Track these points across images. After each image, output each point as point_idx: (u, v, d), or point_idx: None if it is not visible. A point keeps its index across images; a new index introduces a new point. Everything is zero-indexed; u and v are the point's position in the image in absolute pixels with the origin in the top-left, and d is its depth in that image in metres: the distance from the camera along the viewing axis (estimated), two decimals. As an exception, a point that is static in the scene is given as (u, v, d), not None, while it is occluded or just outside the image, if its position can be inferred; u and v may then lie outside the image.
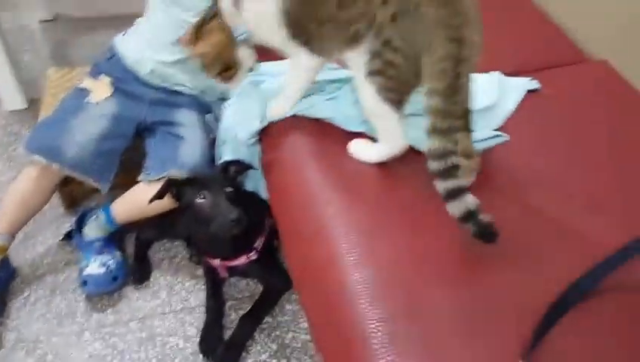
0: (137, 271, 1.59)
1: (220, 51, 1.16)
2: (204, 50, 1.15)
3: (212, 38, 1.15)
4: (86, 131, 1.46)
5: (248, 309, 1.48)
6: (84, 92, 1.53)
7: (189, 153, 1.44)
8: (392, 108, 1.05)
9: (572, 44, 1.57)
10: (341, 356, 0.91)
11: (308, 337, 1.46)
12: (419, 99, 1.01)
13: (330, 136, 1.21)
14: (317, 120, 1.25)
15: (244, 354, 1.42)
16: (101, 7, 2.55)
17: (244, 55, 1.17)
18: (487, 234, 0.92)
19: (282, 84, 1.24)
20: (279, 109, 1.24)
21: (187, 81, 1.53)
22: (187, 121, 1.52)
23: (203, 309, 1.50)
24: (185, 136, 1.48)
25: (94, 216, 1.54)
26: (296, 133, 1.23)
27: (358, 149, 1.15)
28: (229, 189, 1.30)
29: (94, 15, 2.58)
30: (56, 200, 1.79)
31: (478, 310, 0.88)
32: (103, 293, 1.53)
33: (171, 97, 1.55)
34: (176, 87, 1.54)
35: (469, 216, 0.92)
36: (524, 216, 1.05)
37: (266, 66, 1.41)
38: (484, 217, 0.92)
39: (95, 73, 1.57)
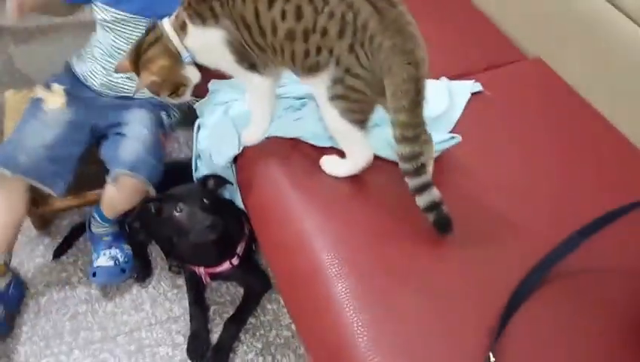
0: (139, 270, 1.65)
1: (165, 77, 1.17)
2: (150, 79, 1.16)
3: (155, 66, 1.16)
4: (39, 137, 1.48)
5: (232, 313, 1.56)
6: (38, 101, 1.57)
7: (129, 150, 1.47)
8: (356, 127, 1.13)
9: (509, 44, 1.69)
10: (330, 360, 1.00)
11: (290, 333, 1.56)
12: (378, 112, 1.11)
13: (301, 153, 1.28)
14: (288, 139, 1.32)
15: (231, 355, 1.50)
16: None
17: (191, 73, 1.18)
18: (444, 223, 1.07)
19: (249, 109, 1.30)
20: (252, 136, 1.30)
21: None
22: (133, 118, 1.56)
23: (187, 317, 1.57)
24: (126, 134, 1.52)
25: (92, 217, 1.62)
26: (269, 153, 1.30)
27: (329, 166, 1.23)
28: (205, 201, 1.37)
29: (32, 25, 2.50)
30: (27, 223, 1.80)
31: (446, 308, 0.99)
32: (112, 284, 1.63)
33: (123, 101, 1.61)
34: (127, 93, 1.60)
35: (433, 206, 1.06)
36: (479, 212, 1.16)
37: (220, 85, 1.48)
38: (445, 209, 1.06)
39: (48, 82, 1.62)
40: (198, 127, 1.49)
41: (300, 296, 1.10)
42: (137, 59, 1.19)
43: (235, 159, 1.37)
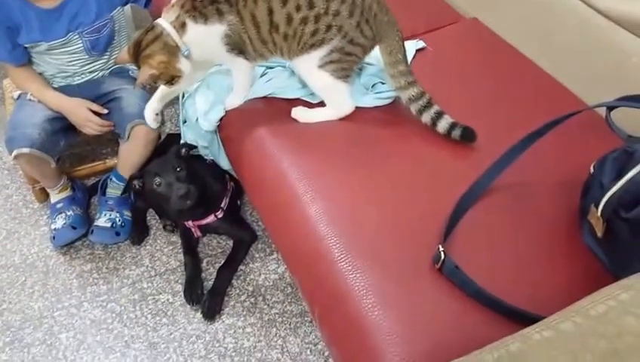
0: (135, 234, 1.77)
1: (163, 70, 1.29)
2: (150, 72, 1.27)
3: (154, 61, 1.27)
4: (34, 117, 1.61)
5: (224, 262, 1.69)
6: (23, 95, 1.70)
7: (132, 105, 1.65)
8: (343, 81, 1.32)
9: (448, 7, 1.82)
10: (310, 272, 1.13)
11: (277, 276, 1.69)
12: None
13: (274, 107, 1.42)
14: (262, 98, 1.45)
15: (226, 298, 1.62)
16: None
17: (184, 65, 1.30)
18: (469, 134, 1.26)
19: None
20: (234, 101, 1.45)
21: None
22: (119, 84, 1.72)
23: (183, 268, 1.69)
24: (122, 95, 1.68)
25: (110, 179, 1.76)
26: (248, 111, 1.43)
27: (301, 114, 1.38)
28: (178, 170, 1.50)
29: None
30: (30, 197, 1.90)
31: (401, 217, 1.13)
32: (105, 244, 1.75)
33: (104, 77, 1.75)
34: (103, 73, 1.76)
35: (453, 126, 1.27)
36: (430, 145, 1.30)
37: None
38: (461, 124, 1.26)
39: None
40: (184, 96, 1.61)
41: (281, 223, 1.22)
42: (137, 54, 1.30)
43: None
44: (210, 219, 1.64)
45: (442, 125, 1.27)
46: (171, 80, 1.33)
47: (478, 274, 0.99)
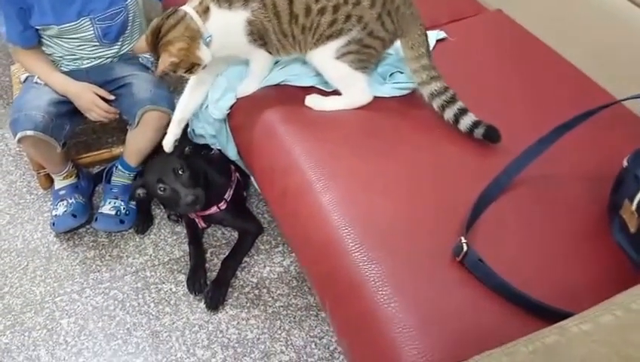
0: (139, 223, 1.70)
1: (184, 57, 1.23)
2: (170, 60, 1.21)
3: (174, 48, 1.21)
4: (39, 100, 1.54)
5: (228, 253, 1.62)
6: (30, 77, 1.64)
7: (143, 90, 1.58)
8: (362, 72, 1.27)
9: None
10: (322, 263, 1.07)
11: (282, 269, 1.62)
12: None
13: (287, 94, 1.35)
14: (274, 85, 1.38)
15: (230, 289, 1.56)
16: None
17: (204, 54, 1.24)
18: (493, 133, 1.18)
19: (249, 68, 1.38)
20: (247, 89, 1.39)
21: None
22: (128, 70, 1.65)
23: (187, 258, 1.62)
24: (132, 81, 1.61)
25: (115, 167, 1.70)
26: (260, 98, 1.37)
27: (315, 102, 1.32)
28: (181, 172, 1.43)
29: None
30: (34, 183, 1.84)
31: (421, 207, 1.07)
32: (109, 231, 1.69)
33: (112, 63, 1.68)
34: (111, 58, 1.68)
35: (476, 124, 1.18)
36: (452, 135, 1.24)
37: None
38: (485, 122, 1.17)
39: None
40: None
41: (292, 212, 1.16)
42: (156, 42, 1.23)
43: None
44: (213, 210, 1.58)
45: (465, 123, 1.20)
46: (191, 68, 1.27)
47: (500, 268, 0.93)
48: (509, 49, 1.53)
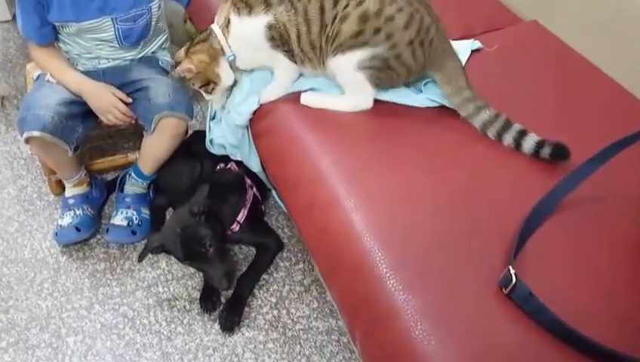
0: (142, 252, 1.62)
1: (201, 70, 1.30)
2: (188, 66, 1.29)
3: (196, 58, 1.29)
4: (49, 98, 1.48)
5: (245, 269, 1.55)
6: (42, 76, 1.58)
7: (162, 95, 1.51)
8: (375, 88, 1.23)
9: (505, 8, 1.69)
10: (352, 289, 0.99)
11: (303, 288, 1.54)
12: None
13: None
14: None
15: (247, 309, 1.48)
16: None
17: (225, 73, 1.30)
18: (561, 151, 1.09)
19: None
20: (271, 95, 1.33)
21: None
22: (147, 73, 1.59)
23: (201, 274, 1.55)
24: (150, 85, 1.54)
25: (128, 175, 1.63)
26: (284, 104, 1.30)
27: (313, 99, 1.28)
28: (209, 247, 1.37)
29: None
30: (45, 188, 1.79)
31: (459, 232, 0.99)
32: (122, 243, 1.62)
33: (130, 65, 1.62)
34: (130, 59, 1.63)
35: (540, 144, 1.11)
36: (495, 153, 1.16)
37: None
38: (550, 140, 1.09)
39: None
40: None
41: (318, 229, 1.09)
42: (188, 50, 1.34)
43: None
44: (226, 232, 1.52)
45: (528, 145, 1.12)
46: (207, 84, 1.33)
47: (550, 300, 0.84)
48: (545, 61, 1.45)
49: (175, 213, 1.46)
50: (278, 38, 1.21)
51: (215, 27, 1.29)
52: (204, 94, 1.38)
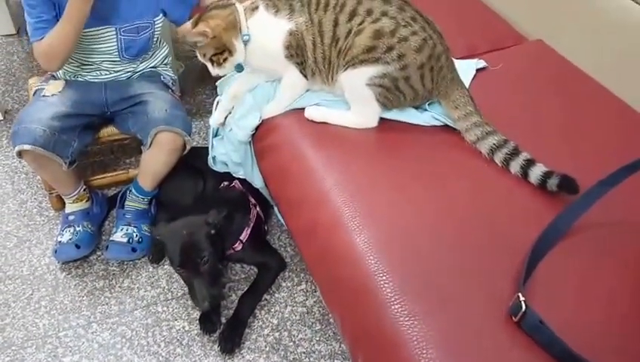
0: (154, 252, 1.62)
1: (217, 35, 1.22)
2: (204, 29, 1.21)
3: (213, 22, 1.22)
4: (43, 112, 1.47)
5: (247, 289, 1.52)
6: (39, 90, 1.59)
7: (158, 110, 1.52)
8: (382, 107, 1.23)
9: (510, 28, 1.68)
10: (355, 313, 0.96)
11: (305, 310, 1.52)
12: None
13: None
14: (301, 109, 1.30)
15: (247, 330, 1.46)
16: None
17: (240, 47, 1.23)
18: (569, 183, 1.05)
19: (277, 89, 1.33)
20: (272, 111, 1.32)
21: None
22: (146, 87, 1.59)
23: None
24: (148, 100, 1.55)
25: (129, 191, 1.63)
26: (286, 121, 1.29)
27: (317, 113, 1.27)
28: (206, 261, 1.34)
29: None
30: (45, 203, 1.78)
31: (466, 255, 0.96)
32: (121, 260, 1.61)
33: (127, 80, 1.63)
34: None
35: (548, 175, 1.07)
36: (502, 173, 1.14)
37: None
38: (557, 172, 1.06)
39: (50, 77, 1.64)
40: (217, 104, 1.48)
41: (321, 251, 1.06)
42: (199, 19, 1.25)
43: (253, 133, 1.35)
44: (228, 252, 1.50)
45: (535, 174, 1.09)
46: (220, 52, 1.24)
47: (561, 329, 0.81)
48: (550, 80, 1.44)
49: (189, 217, 1.43)
50: (295, 47, 1.21)
51: (238, 4, 1.24)
52: (212, 68, 1.28)
